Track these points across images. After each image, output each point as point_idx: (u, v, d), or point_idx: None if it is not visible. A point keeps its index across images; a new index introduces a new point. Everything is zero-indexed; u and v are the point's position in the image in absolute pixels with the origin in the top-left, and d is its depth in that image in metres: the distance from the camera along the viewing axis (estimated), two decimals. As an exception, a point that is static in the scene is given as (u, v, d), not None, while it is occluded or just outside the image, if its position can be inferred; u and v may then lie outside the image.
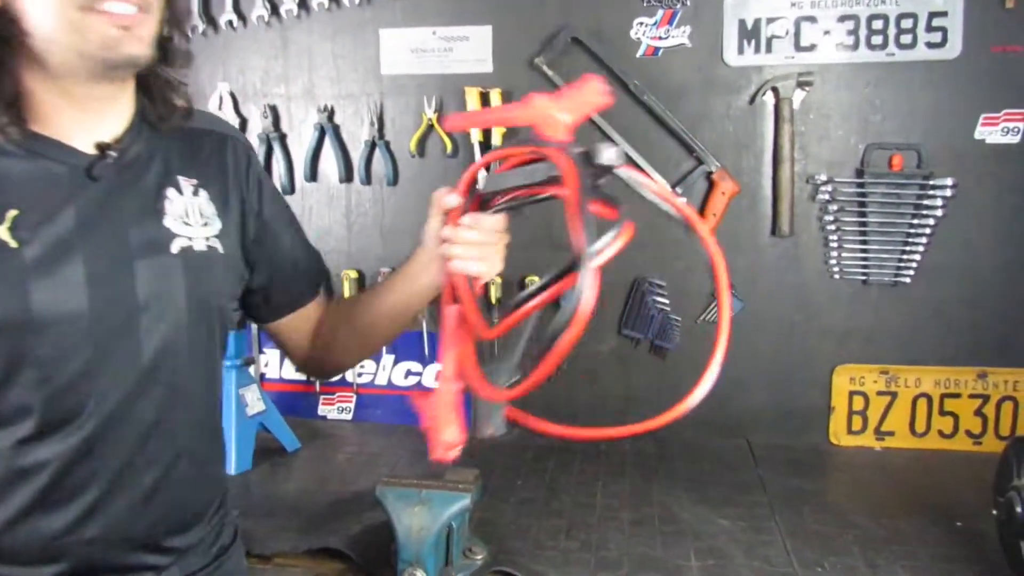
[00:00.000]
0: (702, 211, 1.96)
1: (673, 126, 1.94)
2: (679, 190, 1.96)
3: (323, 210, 2.12)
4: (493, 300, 2.05)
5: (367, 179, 2.08)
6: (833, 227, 1.93)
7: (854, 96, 1.90)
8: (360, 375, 2.16)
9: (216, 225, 1.06)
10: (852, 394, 1.97)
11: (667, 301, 2.03)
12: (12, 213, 0.92)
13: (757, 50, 1.91)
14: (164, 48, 1.02)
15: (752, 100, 1.93)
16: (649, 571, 1.39)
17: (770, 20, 1.90)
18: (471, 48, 1.99)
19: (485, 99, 1.98)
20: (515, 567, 1.38)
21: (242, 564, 1.16)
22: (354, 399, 2.18)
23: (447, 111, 2.02)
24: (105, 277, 0.96)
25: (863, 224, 1.91)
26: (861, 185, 1.90)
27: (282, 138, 2.10)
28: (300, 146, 2.10)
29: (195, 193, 1.05)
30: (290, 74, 2.08)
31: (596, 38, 1.94)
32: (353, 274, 2.10)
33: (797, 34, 1.89)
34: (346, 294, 2.09)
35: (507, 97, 1.98)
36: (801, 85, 1.89)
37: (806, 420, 2.01)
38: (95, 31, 0.89)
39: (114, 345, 0.97)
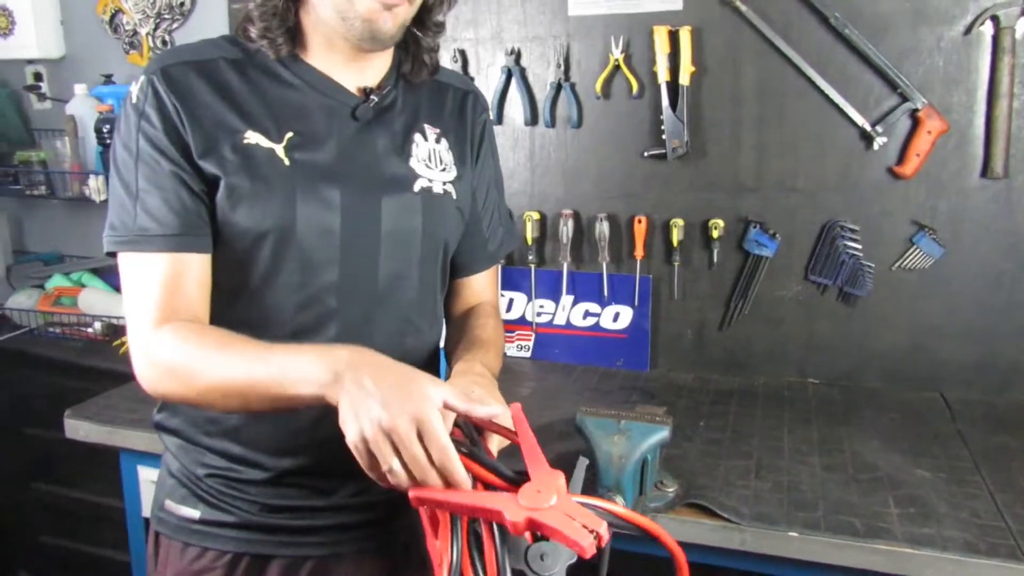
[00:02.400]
0: (904, 152, 1.86)
1: (876, 61, 1.84)
2: (879, 128, 1.86)
3: (508, 153, 2.17)
4: (675, 243, 2.04)
5: (551, 121, 2.11)
6: (1056, 168, 1.78)
7: (1090, 23, 1.72)
8: (539, 315, 2.23)
9: (452, 172, 1.17)
10: (1067, 350, 1.83)
11: (859, 246, 1.94)
12: (289, 135, 1.05)
13: (977, -25, 1.77)
14: (423, 18, 1.11)
15: (968, 30, 1.79)
16: (846, 515, 1.37)
17: (994, -58, 1.75)
18: (661, -15, 1.96)
19: (674, 38, 1.94)
20: (708, 502, 1.40)
21: None
22: (533, 337, 2.25)
23: (635, 50, 2.01)
24: (356, 205, 1.07)
25: (1093, 165, 1.75)
26: (1093, 122, 1.73)
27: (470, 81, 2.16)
28: (487, 89, 2.15)
29: (437, 141, 1.16)
30: (479, 18, 2.13)
31: (794, -30, 1.86)
32: (535, 215, 2.15)
33: (1025, -44, 1.73)
34: (528, 236, 2.14)
35: (697, 36, 1.94)
36: (1026, 13, 1.74)
37: (1011, 376, 1.89)
38: (364, 4, 0.99)
39: (356, 266, 1.08)
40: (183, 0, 2.44)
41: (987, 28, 1.78)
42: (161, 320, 1.00)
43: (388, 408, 0.81)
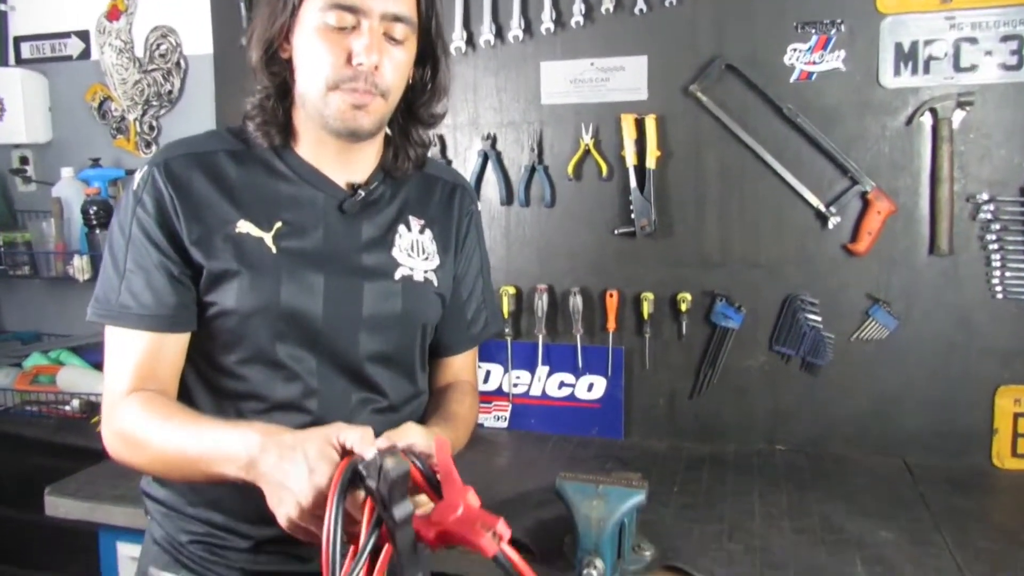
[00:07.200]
0: (857, 230, 1.99)
1: (827, 147, 1.98)
2: (833, 209, 2.00)
3: (485, 230, 2.24)
4: (646, 316, 2.14)
5: (526, 201, 2.23)
6: (996, 246, 1.91)
7: (1018, 115, 1.89)
8: (516, 386, 2.29)
9: (435, 260, 1.24)
10: (1017, 416, 1.93)
11: (819, 318, 2.05)
12: (278, 224, 1.13)
13: (914, 72, 1.93)
14: (414, 111, 1.20)
15: (909, 121, 1.95)
16: (816, 574, 1.43)
17: (928, 42, 1.92)
18: (627, 77, 2.11)
19: (640, 125, 2.08)
20: (684, 564, 1.45)
21: None
22: (509, 408, 2.31)
23: (604, 136, 2.15)
24: (338, 291, 1.14)
25: (1029, 243, 1.89)
26: (1026, 203, 1.88)
27: (448, 164, 2.27)
28: (465, 171, 2.26)
29: (421, 231, 1.23)
30: (457, 106, 2.26)
31: (750, 65, 2.01)
32: (511, 290, 2.24)
33: (956, 55, 1.90)
34: (505, 310, 2.22)
35: (661, 123, 2.08)
36: (961, 105, 1.90)
37: (967, 441, 1.99)
38: (335, 105, 1.08)
39: (337, 348, 1.15)
40: (171, 88, 2.55)
41: (927, 119, 1.94)
42: (130, 392, 1.07)
43: (299, 495, 0.88)
